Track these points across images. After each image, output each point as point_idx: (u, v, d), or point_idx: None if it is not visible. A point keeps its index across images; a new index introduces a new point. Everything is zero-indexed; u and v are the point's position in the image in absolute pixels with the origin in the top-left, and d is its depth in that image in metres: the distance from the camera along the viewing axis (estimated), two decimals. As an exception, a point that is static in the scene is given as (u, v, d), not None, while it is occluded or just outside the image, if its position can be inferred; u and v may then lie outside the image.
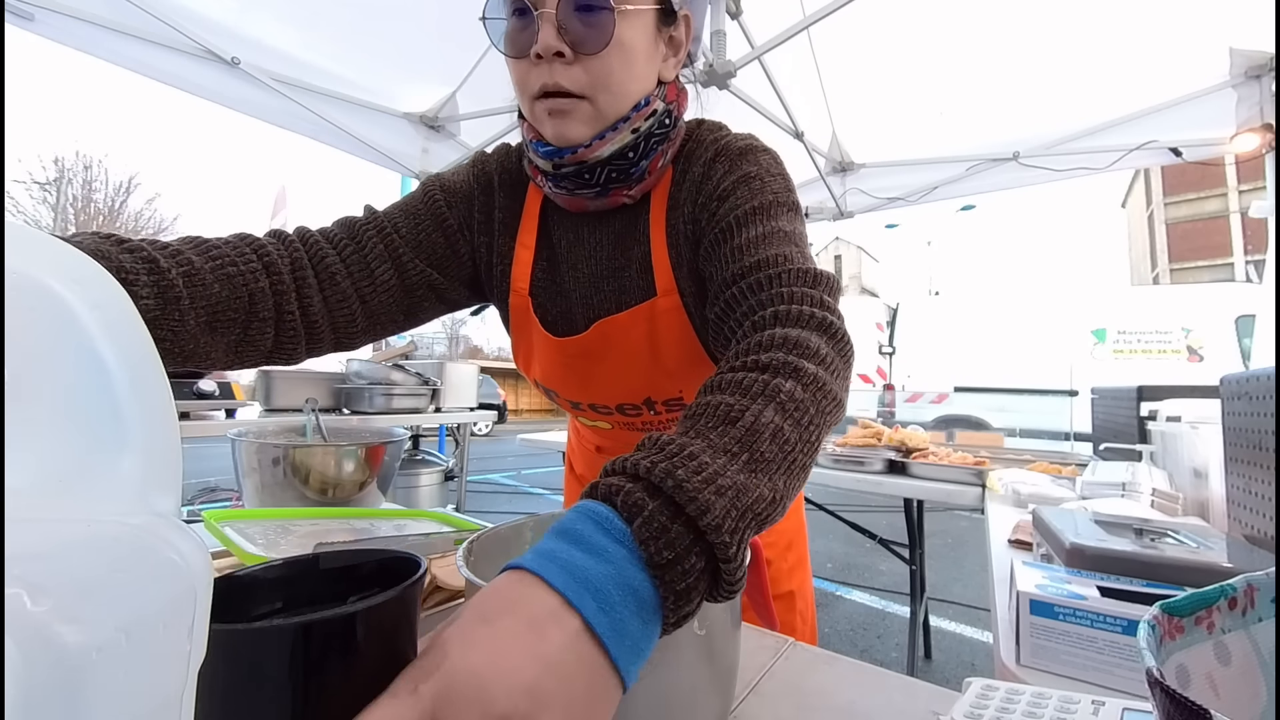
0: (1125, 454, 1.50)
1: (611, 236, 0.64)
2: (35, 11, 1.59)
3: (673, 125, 0.61)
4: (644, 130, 0.58)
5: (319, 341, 0.59)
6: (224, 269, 0.50)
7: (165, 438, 0.19)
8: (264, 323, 0.53)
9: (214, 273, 0.49)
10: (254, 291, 0.52)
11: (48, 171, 14.72)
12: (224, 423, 2.13)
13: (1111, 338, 6.88)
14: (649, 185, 0.62)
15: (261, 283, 0.52)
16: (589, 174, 0.58)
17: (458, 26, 1.93)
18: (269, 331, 0.54)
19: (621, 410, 0.69)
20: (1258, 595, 0.28)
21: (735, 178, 0.58)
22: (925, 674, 2.04)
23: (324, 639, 0.23)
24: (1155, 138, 2.18)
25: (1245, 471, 0.78)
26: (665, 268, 0.62)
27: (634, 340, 0.63)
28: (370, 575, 0.30)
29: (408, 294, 0.63)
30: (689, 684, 0.33)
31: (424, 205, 0.65)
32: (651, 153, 0.59)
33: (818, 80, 2.33)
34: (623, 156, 0.58)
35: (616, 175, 0.59)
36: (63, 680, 0.13)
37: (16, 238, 0.18)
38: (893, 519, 2.18)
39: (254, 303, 0.52)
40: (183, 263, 0.47)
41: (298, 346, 0.57)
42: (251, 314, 0.52)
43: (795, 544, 0.81)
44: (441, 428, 4.39)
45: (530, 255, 0.66)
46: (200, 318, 0.48)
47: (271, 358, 0.56)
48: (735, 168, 0.59)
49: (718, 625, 0.34)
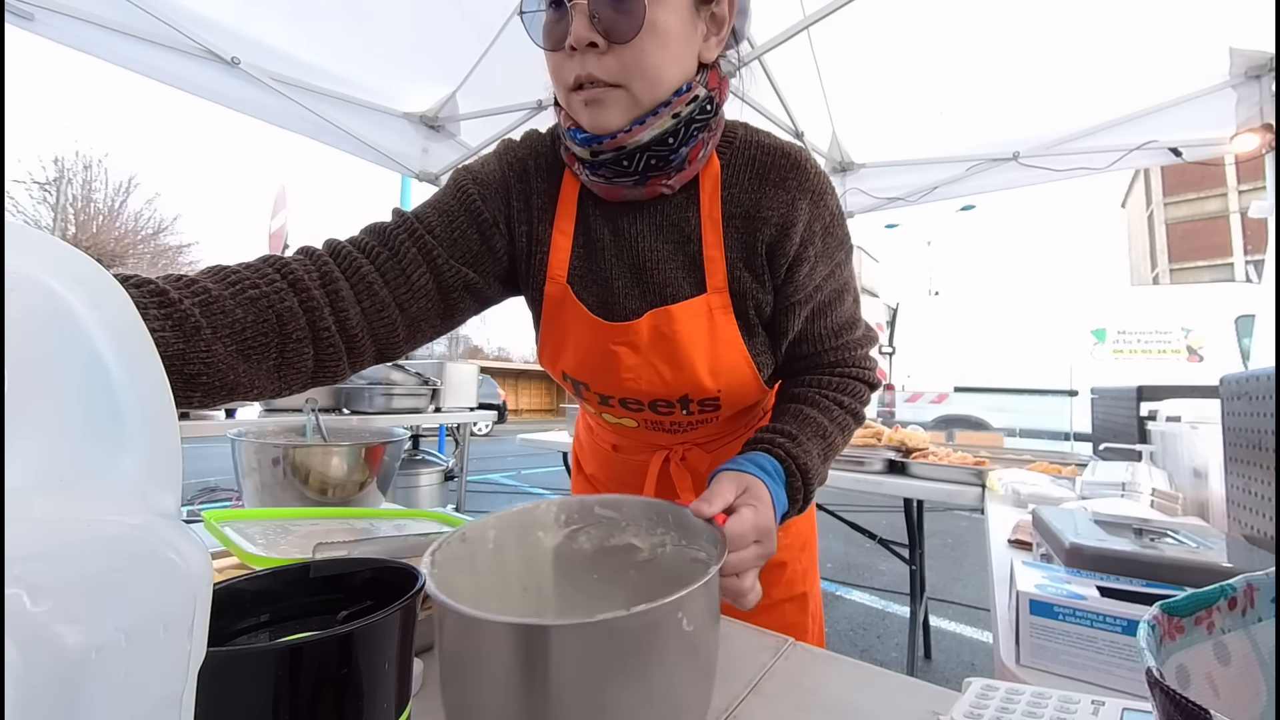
0: (1125, 454, 1.50)
1: (652, 228, 0.63)
2: (35, 11, 1.59)
3: (714, 113, 0.59)
4: (685, 116, 0.57)
5: (360, 354, 0.57)
6: (245, 292, 0.48)
7: (165, 438, 0.19)
8: (299, 342, 0.51)
9: (234, 298, 0.47)
10: (281, 311, 0.50)
11: (47, 171, 14.72)
12: (224, 423, 2.13)
13: (1111, 338, 6.88)
14: (688, 175, 0.61)
15: (289, 301, 0.50)
16: (627, 161, 0.57)
17: (458, 26, 1.93)
18: (307, 350, 0.51)
19: (654, 408, 0.68)
20: (1257, 595, 0.28)
21: (821, 227, 0.63)
22: (925, 674, 2.04)
23: (315, 664, 0.20)
24: (1155, 138, 2.18)
25: (1245, 471, 0.78)
26: (718, 266, 0.61)
27: (685, 334, 0.62)
28: (364, 585, 0.28)
29: (444, 296, 0.62)
30: (679, 676, 0.34)
31: (457, 201, 0.63)
32: (692, 140, 0.58)
33: (817, 80, 2.33)
34: (662, 143, 0.57)
35: (656, 162, 0.58)
36: (62, 680, 0.13)
37: (17, 238, 0.18)
38: (892, 519, 2.18)
39: (284, 323, 0.50)
40: (198, 291, 0.45)
41: (339, 362, 0.55)
42: (284, 335, 0.50)
43: (809, 546, 0.82)
44: (441, 428, 4.39)
45: (568, 242, 0.65)
46: (229, 346, 0.46)
47: (316, 378, 0.54)
48: (818, 210, 0.62)
49: (701, 620, 0.34)
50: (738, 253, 0.62)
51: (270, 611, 0.27)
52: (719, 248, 0.61)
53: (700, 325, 0.62)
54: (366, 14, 1.94)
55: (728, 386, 0.65)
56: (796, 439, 0.59)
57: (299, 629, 0.26)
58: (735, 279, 0.62)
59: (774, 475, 0.56)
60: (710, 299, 0.62)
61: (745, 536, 0.47)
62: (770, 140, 0.64)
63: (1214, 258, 20.84)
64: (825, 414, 0.63)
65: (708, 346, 0.63)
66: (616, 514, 0.49)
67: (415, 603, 0.25)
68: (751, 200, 0.61)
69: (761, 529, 0.49)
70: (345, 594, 0.28)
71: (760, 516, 0.49)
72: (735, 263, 0.62)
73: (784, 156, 0.62)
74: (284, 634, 0.27)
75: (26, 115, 24.88)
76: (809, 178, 0.61)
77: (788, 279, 0.63)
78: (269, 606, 0.27)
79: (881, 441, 2.00)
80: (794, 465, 0.58)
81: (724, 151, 0.63)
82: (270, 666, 0.20)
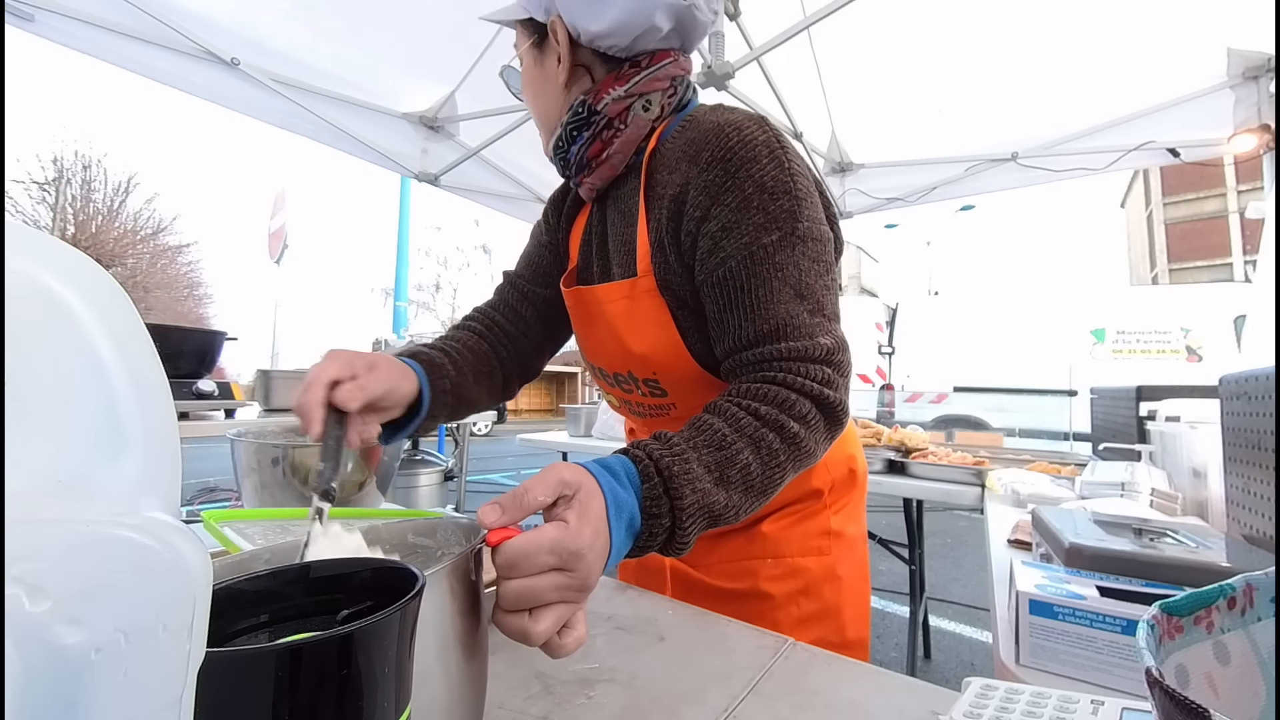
0: (1124, 454, 1.50)
1: (616, 212, 0.70)
2: (35, 12, 1.58)
3: (588, 114, 0.66)
4: (565, 123, 0.67)
5: (522, 377, 0.86)
6: (473, 349, 0.78)
7: (165, 438, 0.19)
8: (493, 372, 0.80)
9: (472, 350, 0.78)
10: (486, 354, 0.80)
11: (47, 172, 14.70)
12: (223, 423, 2.13)
13: (1110, 338, 6.89)
14: (606, 170, 0.68)
15: (484, 349, 0.80)
16: (561, 164, 0.71)
17: (457, 26, 1.93)
18: (498, 375, 0.81)
19: (618, 382, 0.73)
20: (1257, 595, 0.28)
21: (734, 202, 0.55)
22: (925, 674, 2.04)
23: (315, 664, 0.20)
24: (1153, 138, 2.18)
25: (1244, 471, 0.78)
26: (645, 250, 0.64)
27: (610, 315, 0.68)
28: (363, 585, 0.28)
29: (542, 321, 0.84)
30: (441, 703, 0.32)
31: (532, 240, 0.86)
32: (576, 139, 0.67)
33: (817, 80, 2.33)
34: (558, 149, 0.69)
35: (563, 165, 0.71)
36: (62, 681, 0.13)
37: (17, 238, 0.18)
38: (892, 519, 2.18)
39: (487, 363, 0.79)
40: (459, 351, 0.76)
41: (512, 384, 0.84)
42: (490, 369, 0.80)
43: (812, 593, 0.71)
44: (441, 428, 4.39)
45: (580, 237, 0.77)
46: (478, 371, 0.77)
47: (505, 392, 0.84)
48: (733, 182, 0.56)
49: (459, 650, 0.33)
50: (654, 234, 0.63)
51: (270, 612, 0.27)
52: (645, 231, 0.64)
53: (620, 307, 0.66)
54: (366, 14, 1.94)
55: (664, 370, 0.66)
56: (670, 442, 0.46)
57: (299, 629, 0.26)
58: (654, 261, 0.63)
59: (622, 479, 0.43)
60: (638, 283, 0.64)
61: (532, 559, 0.35)
62: (715, 118, 0.60)
63: (1213, 258, 20.86)
64: (729, 421, 0.49)
65: (629, 326, 0.66)
66: (430, 541, 0.44)
67: (416, 603, 0.25)
68: (671, 178, 0.61)
69: (566, 551, 0.36)
70: (345, 594, 0.28)
71: (570, 534, 0.37)
72: (653, 245, 0.63)
73: (709, 129, 0.59)
74: (283, 634, 0.27)
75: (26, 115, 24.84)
76: (724, 146, 0.57)
77: (692, 253, 0.59)
78: (268, 607, 0.27)
79: (881, 441, 2.00)
80: (653, 468, 0.44)
81: (676, 135, 0.64)
82: (270, 667, 0.20)
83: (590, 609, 0.61)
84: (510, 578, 0.36)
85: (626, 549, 0.43)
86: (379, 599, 0.24)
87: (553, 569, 0.36)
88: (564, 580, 0.37)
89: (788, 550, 0.71)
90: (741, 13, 1.75)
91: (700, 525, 0.45)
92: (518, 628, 0.36)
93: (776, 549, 0.71)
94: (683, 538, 0.45)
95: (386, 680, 0.23)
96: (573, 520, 0.38)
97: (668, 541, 0.45)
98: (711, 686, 0.47)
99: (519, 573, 0.36)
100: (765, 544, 0.71)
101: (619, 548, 0.42)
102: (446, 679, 0.32)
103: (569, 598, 0.37)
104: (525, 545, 0.36)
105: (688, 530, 0.44)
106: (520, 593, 0.35)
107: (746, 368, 0.55)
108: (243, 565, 0.34)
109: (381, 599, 0.24)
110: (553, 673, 0.49)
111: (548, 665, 0.49)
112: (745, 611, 0.64)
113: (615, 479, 0.43)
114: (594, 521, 0.39)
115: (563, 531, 0.37)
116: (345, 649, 0.21)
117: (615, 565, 0.44)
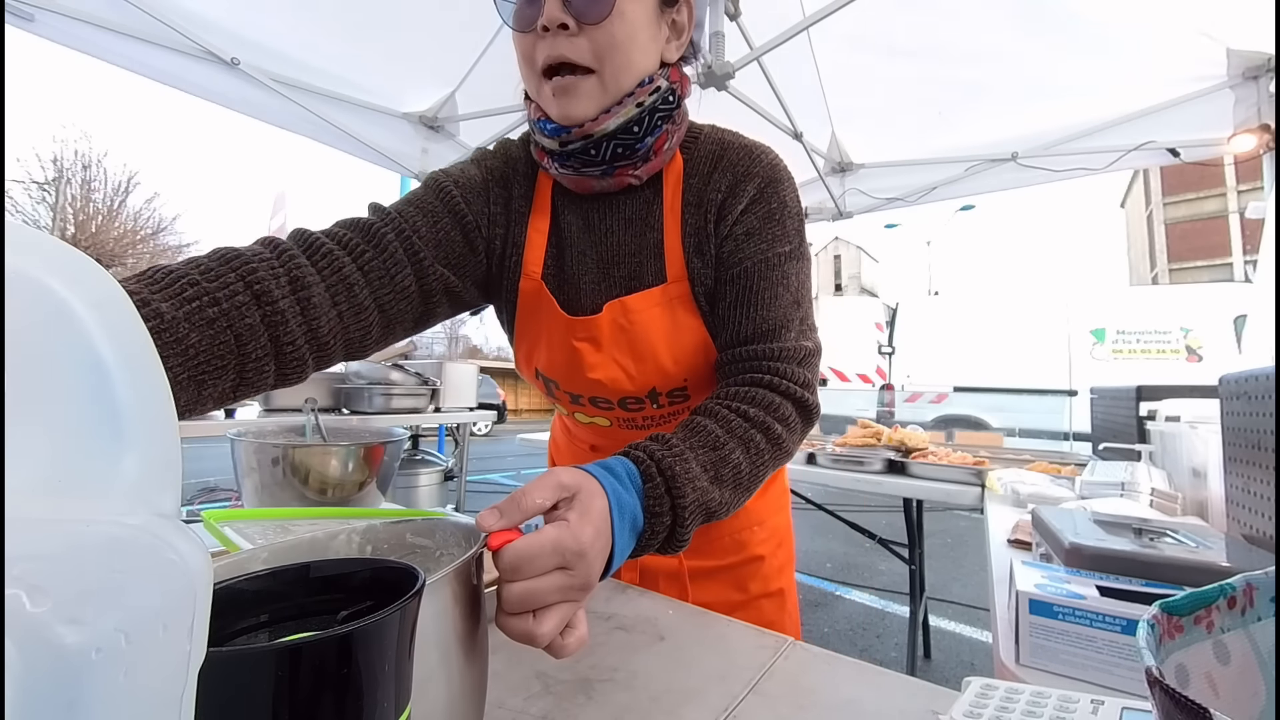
0: (1124, 454, 1.50)
1: (622, 221, 0.66)
2: (35, 12, 1.59)
3: (676, 104, 0.62)
4: (648, 105, 0.59)
5: (328, 358, 0.55)
6: (202, 312, 0.44)
7: (165, 438, 0.19)
8: (259, 360, 0.47)
9: (189, 319, 0.43)
10: (241, 331, 0.46)
11: (46, 171, 14.69)
12: (223, 423, 2.13)
13: (1110, 338, 6.89)
14: (655, 166, 0.64)
15: (250, 318, 0.46)
16: (594, 150, 0.59)
17: (456, 27, 1.93)
18: (268, 367, 0.49)
19: (624, 405, 0.69)
20: (1257, 594, 0.28)
21: (764, 210, 0.62)
22: (925, 673, 2.04)
23: (315, 664, 0.20)
24: (1153, 138, 2.18)
25: (1244, 471, 0.78)
26: (677, 255, 0.64)
27: (644, 324, 0.63)
28: (363, 585, 0.28)
29: (424, 299, 0.61)
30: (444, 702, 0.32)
31: (440, 201, 0.62)
32: (656, 130, 0.61)
33: (817, 80, 2.34)
34: (628, 132, 0.59)
35: (622, 151, 0.60)
36: (62, 680, 0.13)
37: (16, 238, 0.18)
38: (892, 519, 2.18)
39: (243, 343, 0.46)
40: (151, 315, 0.41)
41: (304, 370, 0.52)
42: (243, 356, 0.46)
43: (785, 543, 0.82)
44: (441, 428, 4.39)
45: (544, 239, 0.67)
46: (179, 375, 0.42)
47: (275, 388, 0.52)
48: (764, 194, 0.63)
49: (460, 650, 0.33)
50: (691, 240, 0.64)
51: (270, 611, 0.27)
52: (677, 237, 0.64)
53: (658, 314, 0.64)
54: (366, 14, 1.94)
55: (693, 374, 0.66)
56: (668, 443, 0.48)
57: (298, 629, 0.26)
58: (691, 266, 0.64)
59: (624, 480, 0.44)
60: (669, 288, 0.64)
61: (535, 561, 0.35)
62: (735, 138, 0.67)
63: (1213, 258, 20.86)
64: (722, 424, 0.52)
65: (668, 334, 0.65)
66: (429, 541, 0.42)
67: (416, 602, 0.25)
68: (706, 186, 0.64)
69: (568, 551, 0.36)
70: (345, 594, 0.28)
71: (571, 534, 0.37)
72: (690, 250, 0.64)
73: (743, 149, 0.65)
74: (283, 634, 0.27)
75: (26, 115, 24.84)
76: (762, 165, 0.64)
77: (719, 253, 0.64)
78: (268, 606, 0.27)
79: (881, 441, 2.00)
80: (655, 468, 0.46)
81: (689, 148, 0.67)
82: (270, 667, 0.20)
83: (590, 609, 0.61)
84: (513, 580, 0.35)
85: (630, 549, 0.44)
86: (379, 599, 0.24)
87: (555, 569, 0.36)
88: (566, 580, 0.37)
89: (766, 514, 0.79)
90: (741, 13, 1.75)
91: (698, 522, 0.48)
92: (522, 630, 0.35)
93: (759, 516, 0.78)
94: (682, 534, 0.47)
95: (386, 680, 0.23)
96: (574, 520, 0.38)
97: (668, 539, 0.47)
98: (711, 686, 0.47)
99: (522, 575, 0.35)
100: (750, 514, 0.78)
101: (622, 548, 0.42)
102: (449, 684, 0.32)
103: (571, 597, 0.38)
104: (528, 547, 0.35)
105: (687, 526, 0.47)
106: (524, 595, 0.35)
107: (740, 363, 0.60)
108: (243, 565, 0.34)
109: (381, 599, 0.24)
110: (553, 672, 0.49)
111: (548, 665, 0.49)
112: (747, 575, 0.75)
113: (617, 480, 0.44)
114: (595, 521, 0.39)
115: (564, 531, 0.37)
116: (345, 649, 0.21)
117: (618, 568, 0.44)
